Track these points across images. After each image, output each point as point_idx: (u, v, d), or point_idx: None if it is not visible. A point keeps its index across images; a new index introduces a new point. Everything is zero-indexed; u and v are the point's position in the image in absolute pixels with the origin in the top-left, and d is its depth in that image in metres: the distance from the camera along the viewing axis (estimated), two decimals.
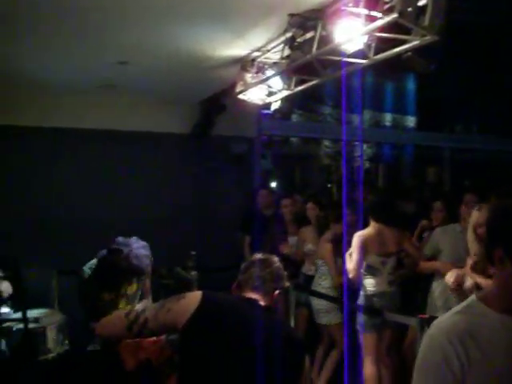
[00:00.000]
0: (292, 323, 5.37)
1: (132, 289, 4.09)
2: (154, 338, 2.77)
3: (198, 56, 5.71)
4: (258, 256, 2.81)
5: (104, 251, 3.66)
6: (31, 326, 3.78)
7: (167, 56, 5.76)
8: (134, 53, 5.71)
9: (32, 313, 4.08)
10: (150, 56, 5.79)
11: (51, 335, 4.12)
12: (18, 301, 3.63)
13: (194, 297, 2.54)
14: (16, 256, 3.21)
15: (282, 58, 5.15)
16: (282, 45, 5.09)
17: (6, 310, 4.00)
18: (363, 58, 4.56)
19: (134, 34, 5.14)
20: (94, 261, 4.22)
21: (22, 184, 7.65)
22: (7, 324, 3.86)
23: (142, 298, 3.95)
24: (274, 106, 6.57)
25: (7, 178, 7.61)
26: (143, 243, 3.55)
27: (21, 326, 3.88)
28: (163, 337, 2.89)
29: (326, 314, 5.57)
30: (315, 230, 6.18)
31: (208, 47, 5.46)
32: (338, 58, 4.61)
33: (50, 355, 4.10)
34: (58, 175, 7.82)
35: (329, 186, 12.06)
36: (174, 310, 2.51)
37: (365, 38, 4.21)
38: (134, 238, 3.67)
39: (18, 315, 3.74)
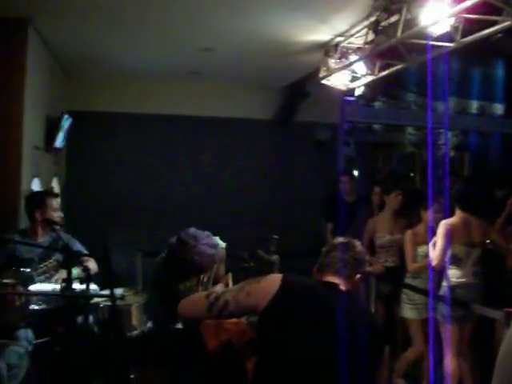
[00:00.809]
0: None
1: (205, 276, 4.14)
2: (236, 320, 2.78)
3: (282, 42, 5.73)
4: (340, 240, 2.76)
5: (174, 239, 3.73)
6: (118, 303, 3.88)
7: (251, 42, 5.81)
8: (219, 39, 5.79)
9: (118, 291, 4.20)
10: (233, 42, 5.86)
11: (136, 313, 4.22)
12: (106, 279, 3.75)
13: (275, 280, 2.52)
14: (105, 235, 3.32)
15: (366, 43, 5.09)
16: (366, 29, 5.04)
17: (94, 287, 4.13)
18: (450, 41, 4.43)
19: (218, 21, 5.20)
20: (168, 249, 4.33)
21: (110, 168, 7.91)
22: (95, 300, 3.99)
23: (215, 283, 4.01)
24: (358, 92, 6.51)
25: (97, 163, 7.89)
26: (213, 242, 3.54)
27: (108, 302, 4.00)
28: (244, 318, 2.90)
29: (403, 305, 5.41)
30: (392, 219, 6.03)
31: (292, 33, 5.47)
32: (423, 42, 4.52)
33: (135, 332, 4.20)
34: (145, 160, 8.05)
35: (412, 174, 11.78)
36: (254, 292, 2.49)
37: (452, 20, 4.10)
38: (207, 233, 3.70)
39: (105, 292, 3.86)
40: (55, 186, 6.98)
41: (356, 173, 10.26)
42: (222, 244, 4.02)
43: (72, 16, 5.16)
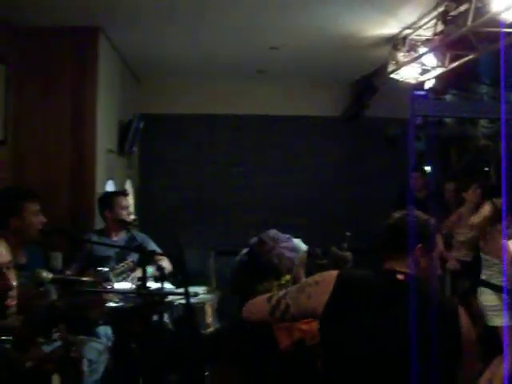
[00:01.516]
0: None
1: (284, 279, 4.13)
2: (309, 319, 2.75)
3: (349, 37, 5.67)
4: (392, 216, 2.54)
5: (255, 239, 3.75)
6: (192, 301, 3.94)
7: (318, 39, 5.78)
8: (285, 37, 5.79)
9: (192, 289, 4.25)
10: (300, 40, 5.84)
11: (210, 311, 4.29)
12: (180, 277, 3.81)
13: (330, 278, 2.37)
14: (178, 234, 3.38)
15: (435, 34, 4.98)
16: (435, 20, 4.93)
17: (168, 285, 4.20)
18: None
19: (285, 19, 5.19)
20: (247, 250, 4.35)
21: (181, 169, 8.05)
22: (170, 298, 4.07)
23: (294, 284, 4.01)
24: (428, 85, 6.38)
25: (168, 164, 8.05)
26: (293, 245, 3.51)
27: (182, 301, 4.06)
28: None
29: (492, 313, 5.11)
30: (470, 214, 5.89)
31: (359, 27, 5.41)
32: (495, 30, 4.38)
33: (209, 330, 4.26)
34: (216, 161, 8.15)
35: (486, 169, 11.46)
36: (313, 295, 2.38)
37: None
38: (288, 235, 3.70)
39: (180, 290, 3.92)
40: (128, 187, 7.15)
41: (428, 168, 10.08)
42: (304, 247, 3.99)
43: (141, 22, 5.28)
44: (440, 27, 4.82)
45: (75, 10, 4.93)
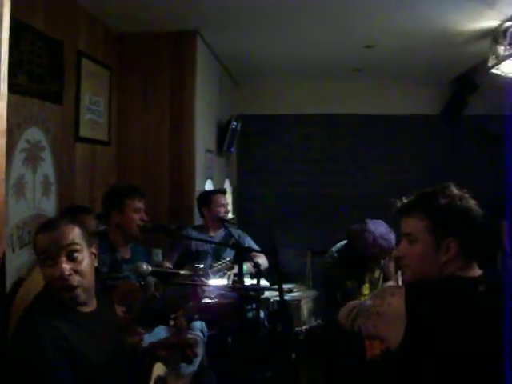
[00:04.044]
0: None
1: (375, 274, 4.12)
2: None
3: (447, 32, 5.51)
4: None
5: (355, 225, 3.76)
6: (287, 298, 3.98)
7: (414, 36, 5.65)
8: (381, 36, 5.71)
9: (288, 286, 4.30)
10: (396, 38, 5.74)
11: (305, 308, 4.32)
12: (275, 274, 3.85)
13: (398, 309, 1.96)
14: (273, 231, 3.42)
15: None
16: None
17: (264, 282, 4.27)
18: None
19: (380, 17, 5.13)
20: (341, 244, 4.36)
21: (277, 169, 8.17)
22: (265, 295, 4.13)
23: (385, 281, 3.98)
24: None
25: (265, 163, 8.19)
26: (388, 228, 3.52)
27: (277, 298, 4.12)
28: None
29: None
30: None
31: (456, 21, 5.23)
32: None
33: (303, 327, 4.29)
34: (311, 160, 8.19)
35: None
36: (379, 326, 2.05)
37: None
38: (381, 221, 3.70)
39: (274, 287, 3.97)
40: (227, 187, 7.30)
41: None
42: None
43: (236, 25, 5.38)
44: None
45: (173, 15, 5.10)
